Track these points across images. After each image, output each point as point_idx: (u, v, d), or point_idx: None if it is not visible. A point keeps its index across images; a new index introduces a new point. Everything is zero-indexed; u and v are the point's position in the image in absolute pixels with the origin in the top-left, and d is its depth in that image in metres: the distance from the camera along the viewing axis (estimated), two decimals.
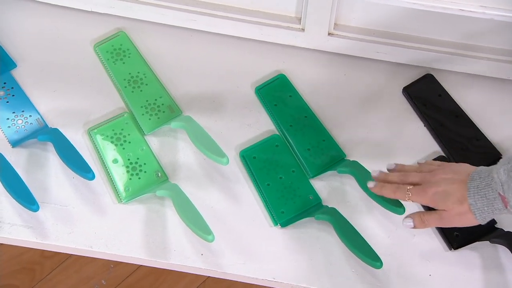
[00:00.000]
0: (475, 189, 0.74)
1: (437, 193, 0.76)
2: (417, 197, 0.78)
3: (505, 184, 0.70)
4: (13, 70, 0.99)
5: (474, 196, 0.74)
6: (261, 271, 0.88)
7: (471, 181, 0.74)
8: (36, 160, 0.93)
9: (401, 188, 0.80)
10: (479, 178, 0.74)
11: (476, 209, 0.74)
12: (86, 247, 0.87)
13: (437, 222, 0.78)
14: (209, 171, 0.94)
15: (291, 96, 1.00)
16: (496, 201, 0.71)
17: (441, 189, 0.76)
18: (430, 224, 0.79)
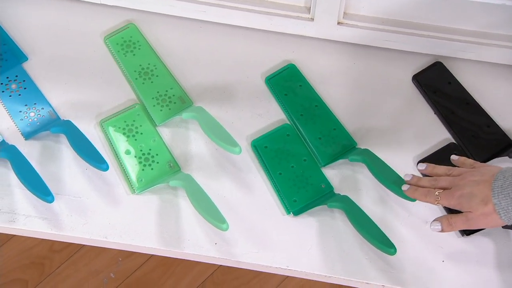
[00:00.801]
0: (499, 188, 0.74)
1: (463, 196, 0.77)
2: (445, 201, 0.78)
3: None
4: (25, 63, 0.99)
5: (498, 196, 0.74)
6: (275, 260, 0.88)
7: (495, 181, 0.75)
8: (49, 152, 0.93)
9: (431, 192, 0.80)
10: (503, 177, 0.74)
11: (500, 208, 0.74)
12: (101, 238, 0.88)
13: (464, 224, 0.78)
14: (221, 161, 0.94)
15: (301, 85, 1.00)
16: None
17: (467, 191, 0.77)
18: (457, 227, 0.79)
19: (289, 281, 1.71)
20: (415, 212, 0.90)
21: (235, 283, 1.71)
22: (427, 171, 0.85)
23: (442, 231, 0.80)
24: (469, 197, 0.76)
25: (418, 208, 0.90)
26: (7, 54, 0.98)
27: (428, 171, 0.85)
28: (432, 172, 0.84)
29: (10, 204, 0.88)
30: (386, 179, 0.87)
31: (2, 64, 0.97)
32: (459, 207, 0.78)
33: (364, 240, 0.87)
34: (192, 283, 1.69)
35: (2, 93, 0.95)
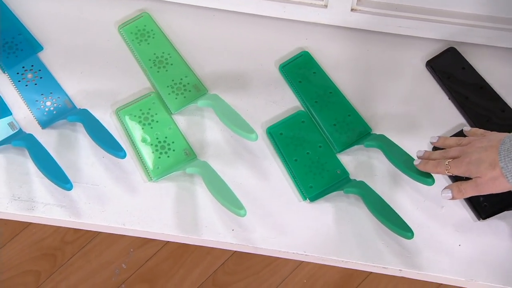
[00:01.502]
0: (506, 152, 0.75)
1: (471, 162, 0.78)
2: (455, 169, 0.79)
3: None
4: (40, 52, 1.00)
5: (505, 159, 0.75)
6: (292, 245, 0.89)
7: (502, 145, 0.76)
8: (66, 140, 0.94)
9: (441, 163, 0.81)
10: (510, 141, 0.75)
11: (507, 171, 0.75)
12: (119, 225, 0.89)
13: (474, 190, 0.79)
14: (236, 148, 0.95)
15: (315, 72, 1.01)
16: None
17: (475, 157, 0.78)
18: (467, 193, 0.80)
19: (300, 269, 1.72)
20: (431, 197, 0.91)
21: (246, 272, 1.71)
22: (439, 143, 0.86)
23: (452, 198, 0.81)
24: (477, 163, 0.76)
25: (434, 193, 0.90)
26: (23, 44, 0.98)
27: (440, 143, 0.86)
28: (444, 144, 0.85)
29: (28, 192, 0.89)
30: (402, 164, 0.88)
31: (17, 54, 0.97)
32: (468, 173, 0.78)
33: (380, 225, 0.88)
34: (203, 272, 1.70)
35: (18, 82, 0.96)
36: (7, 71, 0.97)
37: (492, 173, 0.76)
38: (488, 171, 0.76)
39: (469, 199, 0.90)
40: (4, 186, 0.89)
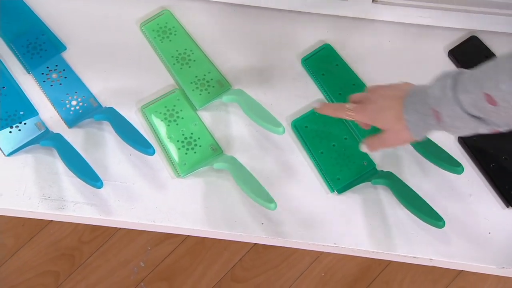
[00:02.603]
0: (411, 104, 0.73)
1: (375, 110, 0.77)
2: (358, 115, 0.79)
3: (438, 100, 0.69)
4: (63, 52, 1.00)
5: (409, 111, 0.73)
6: (322, 237, 0.89)
7: (407, 97, 0.75)
8: (92, 139, 0.94)
9: (342, 106, 0.80)
10: (415, 94, 0.74)
11: (411, 124, 0.74)
12: (149, 222, 0.89)
13: (380, 145, 0.79)
14: (262, 143, 0.95)
15: (338, 65, 1.01)
16: (429, 117, 0.71)
17: (379, 104, 0.76)
18: (375, 147, 0.81)
19: (318, 263, 1.73)
20: (458, 185, 0.91)
21: (264, 267, 1.72)
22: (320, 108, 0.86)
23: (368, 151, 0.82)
24: (381, 111, 0.76)
25: (462, 181, 0.91)
26: (46, 44, 0.98)
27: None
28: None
29: (58, 191, 0.90)
30: (430, 153, 0.88)
31: (41, 55, 0.98)
32: (372, 121, 0.78)
33: (409, 214, 0.88)
34: (221, 269, 1.71)
35: (44, 83, 0.96)
36: (31, 71, 0.97)
37: (397, 125, 0.75)
38: (392, 123, 0.75)
39: (496, 186, 0.90)
40: (34, 185, 0.90)
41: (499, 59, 0.64)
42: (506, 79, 0.62)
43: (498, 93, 0.63)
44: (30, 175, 0.90)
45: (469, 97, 0.67)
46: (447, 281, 1.72)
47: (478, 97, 0.65)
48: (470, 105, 0.67)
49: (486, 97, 0.65)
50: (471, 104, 0.67)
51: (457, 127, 0.71)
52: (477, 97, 0.66)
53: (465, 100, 0.67)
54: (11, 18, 1.00)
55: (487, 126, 0.69)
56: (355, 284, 1.70)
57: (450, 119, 0.70)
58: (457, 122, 0.70)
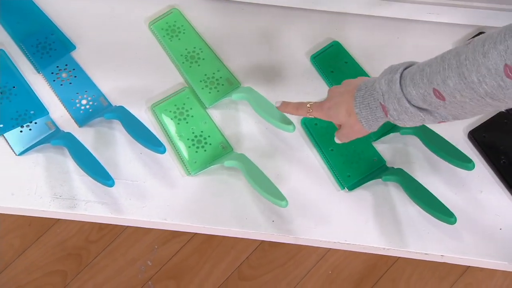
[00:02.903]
0: (360, 98, 0.75)
1: (331, 107, 0.79)
2: (316, 112, 0.81)
3: (385, 94, 0.72)
4: (73, 52, 1.00)
5: (359, 105, 0.75)
6: (332, 234, 0.89)
7: (358, 91, 0.76)
8: (103, 138, 0.94)
9: (303, 105, 0.83)
10: (365, 88, 0.76)
11: (361, 117, 0.76)
12: (161, 220, 0.89)
13: (343, 138, 0.82)
14: (272, 140, 0.95)
15: (347, 62, 1.01)
16: (377, 110, 0.73)
17: (333, 102, 0.79)
18: (342, 140, 0.83)
19: (324, 261, 1.73)
20: (469, 181, 0.91)
21: (271, 265, 1.72)
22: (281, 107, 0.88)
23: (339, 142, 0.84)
24: (335, 108, 0.78)
25: (472, 177, 0.91)
26: (55, 43, 0.99)
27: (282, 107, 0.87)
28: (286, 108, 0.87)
29: (69, 190, 0.90)
30: (441, 150, 0.88)
31: (51, 54, 0.98)
32: (329, 118, 0.80)
33: (420, 211, 0.88)
34: (228, 267, 1.71)
35: (54, 82, 0.96)
36: (41, 71, 0.97)
37: (349, 120, 0.77)
38: (345, 118, 0.77)
39: (506, 182, 0.90)
40: (45, 185, 0.90)
41: (445, 55, 0.66)
42: (452, 75, 0.64)
43: (446, 89, 0.65)
44: (41, 174, 0.90)
45: (417, 92, 0.68)
46: (454, 278, 1.72)
47: (426, 92, 0.67)
48: (418, 99, 0.69)
49: (435, 92, 0.66)
50: (419, 98, 0.69)
51: (403, 120, 0.72)
52: (425, 92, 0.67)
53: (413, 94, 0.69)
54: (20, 18, 1.00)
55: (434, 118, 0.71)
56: (362, 281, 1.71)
57: (396, 113, 0.72)
58: (403, 115, 0.71)
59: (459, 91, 0.64)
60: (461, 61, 0.62)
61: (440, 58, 0.66)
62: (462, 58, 0.62)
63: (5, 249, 1.70)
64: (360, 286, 1.70)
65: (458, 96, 0.64)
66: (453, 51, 0.65)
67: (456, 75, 0.63)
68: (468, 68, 0.62)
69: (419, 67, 0.69)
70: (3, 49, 0.98)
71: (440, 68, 0.65)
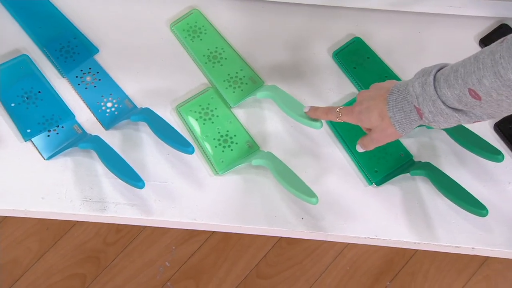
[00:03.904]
0: (394, 102, 0.75)
1: (361, 111, 0.79)
2: (346, 117, 0.81)
3: (419, 97, 0.72)
4: (96, 55, 1.00)
5: (393, 109, 0.76)
6: (362, 230, 0.89)
7: (390, 95, 0.76)
8: (129, 140, 0.95)
9: (332, 109, 0.83)
10: (398, 91, 0.76)
11: (395, 121, 0.76)
12: (190, 220, 0.89)
13: (372, 144, 0.81)
14: (298, 137, 0.96)
15: (369, 57, 1.01)
16: (412, 113, 0.74)
17: (364, 106, 0.78)
18: (369, 147, 0.83)
19: (342, 257, 1.73)
20: (497, 174, 0.91)
21: (288, 263, 1.72)
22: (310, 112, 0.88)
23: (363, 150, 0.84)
24: (366, 112, 0.78)
25: (501, 169, 0.91)
26: (79, 47, 0.99)
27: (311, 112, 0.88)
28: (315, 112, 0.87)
29: (99, 193, 0.90)
30: (469, 142, 0.88)
31: (75, 58, 0.98)
32: (359, 122, 0.80)
33: (449, 204, 0.88)
34: (246, 266, 1.71)
35: (78, 86, 0.97)
36: (66, 75, 0.97)
37: (382, 123, 0.77)
38: (378, 122, 0.77)
39: None
40: (75, 188, 0.90)
41: (479, 55, 0.66)
42: (488, 74, 0.64)
43: (482, 88, 0.65)
44: (70, 178, 0.91)
45: (452, 93, 0.69)
46: (473, 270, 1.72)
47: (462, 92, 0.68)
48: (453, 100, 0.69)
49: (470, 92, 0.67)
50: (454, 99, 0.69)
51: (439, 121, 0.73)
52: (461, 93, 0.68)
53: (448, 95, 0.70)
54: (43, 23, 1.00)
55: (469, 118, 0.72)
56: (380, 276, 1.71)
57: (431, 115, 0.72)
58: (438, 116, 0.72)
59: (495, 90, 0.64)
60: (496, 60, 0.63)
61: (473, 58, 0.66)
62: (497, 56, 0.63)
63: (24, 253, 1.70)
64: (378, 280, 1.70)
65: (495, 94, 0.65)
66: (487, 50, 0.65)
67: (491, 74, 0.64)
68: (503, 66, 0.62)
69: (453, 68, 0.69)
70: (27, 54, 0.98)
71: (475, 68, 0.65)
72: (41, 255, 1.71)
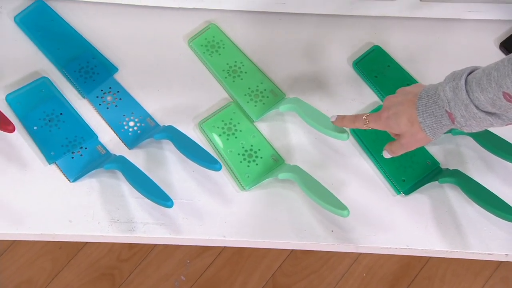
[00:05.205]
0: (423, 107, 0.74)
1: (389, 117, 0.78)
2: (374, 123, 0.80)
3: (451, 102, 0.71)
4: (116, 74, 1.00)
5: (423, 114, 0.75)
6: (393, 240, 0.89)
7: (419, 100, 0.75)
8: (153, 158, 0.94)
9: (359, 117, 0.82)
10: (427, 96, 0.75)
11: (426, 126, 0.75)
12: (220, 237, 0.89)
13: (401, 149, 0.80)
14: (322, 149, 0.95)
15: (389, 66, 1.00)
16: (443, 117, 0.73)
17: (392, 112, 0.78)
18: (398, 152, 0.82)
19: (358, 264, 1.72)
20: None
21: (304, 272, 1.71)
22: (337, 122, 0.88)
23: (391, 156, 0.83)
24: (395, 117, 0.77)
25: None
26: (98, 67, 0.98)
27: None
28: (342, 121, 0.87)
29: (126, 213, 0.89)
30: (496, 147, 0.87)
31: (94, 78, 0.98)
32: (388, 129, 0.79)
33: (479, 211, 0.88)
34: (262, 276, 1.70)
35: (100, 106, 0.96)
36: (86, 96, 0.97)
37: (412, 129, 0.76)
38: (407, 127, 0.76)
39: None
40: (102, 210, 0.89)
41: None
42: None
43: None
44: (97, 199, 0.90)
45: (485, 96, 0.68)
46: (489, 273, 1.71)
47: (496, 96, 0.67)
48: (487, 103, 0.69)
49: (505, 95, 0.66)
50: (487, 103, 0.69)
51: (471, 125, 0.72)
52: (494, 96, 0.67)
53: (481, 99, 0.69)
54: (61, 44, 1.00)
55: (502, 121, 0.71)
56: (397, 282, 1.70)
57: (464, 119, 0.71)
58: (471, 121, 0.71)
59: None
60: None
61: (507, 60, 0.66)
62: None
63: (38, 273, 1.69)
64: (395, 286, 1.69)
65: None
66: None
67: None
68: None
69: (485, 71, 0.68)
70: (47, 76, 0.98)
71: (509, 70, 0.65)
72: (55, 275, 1.70)
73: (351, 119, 0.84)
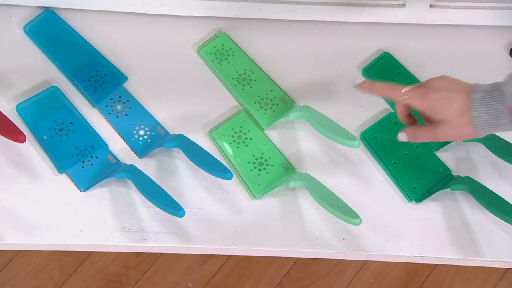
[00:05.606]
0: (481, 101, 0.70)
1: (440, 98, 0.72)
2: (416, 100, 0.74)
3: None
4: (125, 83, 1.00)
5: (479, 109, 0.70)
6: (405, 248, 0.88)
7: (474, 93, 0.71)
8: (164, 167, 0.94)
9: (395, 87, 0.76)
10: (483, 91, 0.70)
11: (478, 121, 0.70)
12: (231, 246, 0.89)
13: (431, 136, 0.75)
14: (333, 157, 0.95)
15: (400, 72, 1.00)
16: (502, 114, 0.69)
17: (442, 95, 0.72)
18: (422, 139, 0.77)
19: (366, 269, 1.72)
20: None
21: (312, 278, 1.71)
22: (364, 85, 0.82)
23: (407, 141, 0.78)
24: (445, 101, 0.71)
25: None
26: (107, 76, 0.98)
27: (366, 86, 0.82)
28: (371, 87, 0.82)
29: (137, 223, 0.89)
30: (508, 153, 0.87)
31: (104, 87, 0.98)
32: (431, 110, 0.73)
33: (491, 218, 0.87)
34: (270, 283, 1.70)
35: (109, 115, 0.96)
36: (96, 105, 0.97)
37: (459, 120, 0.71)
38: (455, 117, 0.71)
39: None
40: (113, 219, 0.89)
41: None
42: None
43: None
44: (108, 208, 0.90)
45: None
46: (498, 277, 1.71)
47: None
48: None
49: None
50: None
51: None
52: None
53: None
54: (70, 53, 1.00)
55: None
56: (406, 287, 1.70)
57: None
58: None
59: None
60: None
61: None
62: None
63: (46, 280, 1.69)
64: None
65: None
66: None
67: None
68: None
69: None
70: (56, 86, 0.98)
71: None
72: (62, 282, 1.70)
73: (384, 87, 0.77)
